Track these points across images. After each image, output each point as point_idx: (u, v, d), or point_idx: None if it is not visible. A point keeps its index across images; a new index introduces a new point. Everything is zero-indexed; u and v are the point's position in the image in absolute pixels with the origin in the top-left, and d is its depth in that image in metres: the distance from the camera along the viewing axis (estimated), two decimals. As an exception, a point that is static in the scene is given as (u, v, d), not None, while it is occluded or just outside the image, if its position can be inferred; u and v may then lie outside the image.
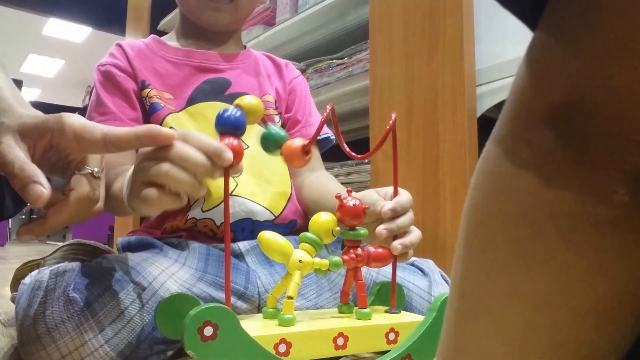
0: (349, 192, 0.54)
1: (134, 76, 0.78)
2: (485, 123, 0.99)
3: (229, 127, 0.47)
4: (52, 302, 0.51)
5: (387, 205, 0.55)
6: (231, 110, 0.48)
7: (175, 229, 0.73)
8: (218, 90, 0.81)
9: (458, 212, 0.96)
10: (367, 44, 1.25)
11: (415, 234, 0.57)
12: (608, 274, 0.20)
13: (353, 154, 0.54)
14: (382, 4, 1.19)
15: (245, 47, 0.90)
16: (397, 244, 0.54)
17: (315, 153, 0.86)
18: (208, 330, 0.42)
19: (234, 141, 0.47)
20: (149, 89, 0.78)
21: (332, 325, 0.49)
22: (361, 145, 0.56)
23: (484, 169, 0.24)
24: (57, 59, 6.26)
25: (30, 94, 7.43)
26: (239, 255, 0.69)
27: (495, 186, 0.23)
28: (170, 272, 0.60)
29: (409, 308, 0.69)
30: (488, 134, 0.24)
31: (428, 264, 0.75)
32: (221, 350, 0.42)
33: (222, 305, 0.43)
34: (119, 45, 0.82)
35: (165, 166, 0.45)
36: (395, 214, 0.55)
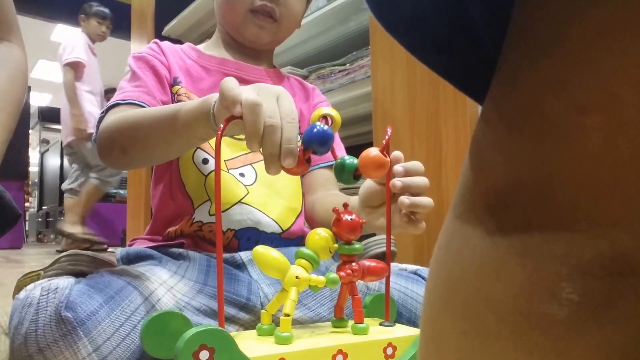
0: (345, 206, 0.53)
1: (169, 69, 0.80)
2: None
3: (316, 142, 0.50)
4: (44, 320, 0.50)
5: (398, 167, 0.57)
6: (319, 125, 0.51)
7: (179, 234, 0.73)
8: None
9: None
10: (368, 50, 1.25)
11: (427, 199, 0.57)
12: None
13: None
14: (383, 9, 1.18)
15: (275, 67, 0.92)
16: (400, 188, 0.55)
17: (329, 175, 0.86)
18: (204, 355, 0.40)
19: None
20: (179, 86, 0.79)
21: (330, 342, 0.48)
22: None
23: (437, 253, 0.23)
24: (66, 64, 6.31)
25: (42, 99, 7.51)
26: (241, 265, 0.69)
27: (445, 275, 0.22)
28: (168, 286, 0.60)
29: (413, 318, 0.69)
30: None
31: None
32: None
33: (218, 328, 0.42)
34: (155, 42, 0.83)
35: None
36: (408, 173, 0.56)
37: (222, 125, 0.46)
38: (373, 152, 0.53)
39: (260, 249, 0.49)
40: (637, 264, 0.17)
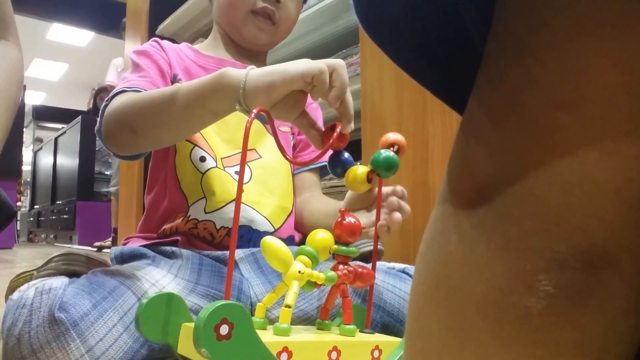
0: (346, 210, 0.55)
1: (170, 65, 0.80)
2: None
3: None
4: (37, 321, 0.50)
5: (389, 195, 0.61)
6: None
7: (174, 231, 0.73)
8: None
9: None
10: (357, 48, 1.26)
11: (406, 205, 0.61)
12: None
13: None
14: (371, 8, 1.19)
15: None
16: (394, 199, 0.60)
17: (314, 178, 0.88)
18: (224, 329, 0.41)
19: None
20: (178, 84, 0.78)
21: (327, 338, 0.49)
22: (352, 148, 0.57)
23: (422, 249, 0.23)
24: (61, 62, 6.31)
25: (36, 97, 7.48)
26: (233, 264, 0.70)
27: (429, 270, 0.22)
28: (161, 285, 0.60)
29: (401, 316, 0.69)
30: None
31: None
32: (233, 352, 0.41)
33: (240, 304, 0.42)
34: (155, 40, 0.83)
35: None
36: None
37: (252, 115, 0.46)
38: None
39: (269, 239, 0.49)
40: (611, 257, 0.17)
